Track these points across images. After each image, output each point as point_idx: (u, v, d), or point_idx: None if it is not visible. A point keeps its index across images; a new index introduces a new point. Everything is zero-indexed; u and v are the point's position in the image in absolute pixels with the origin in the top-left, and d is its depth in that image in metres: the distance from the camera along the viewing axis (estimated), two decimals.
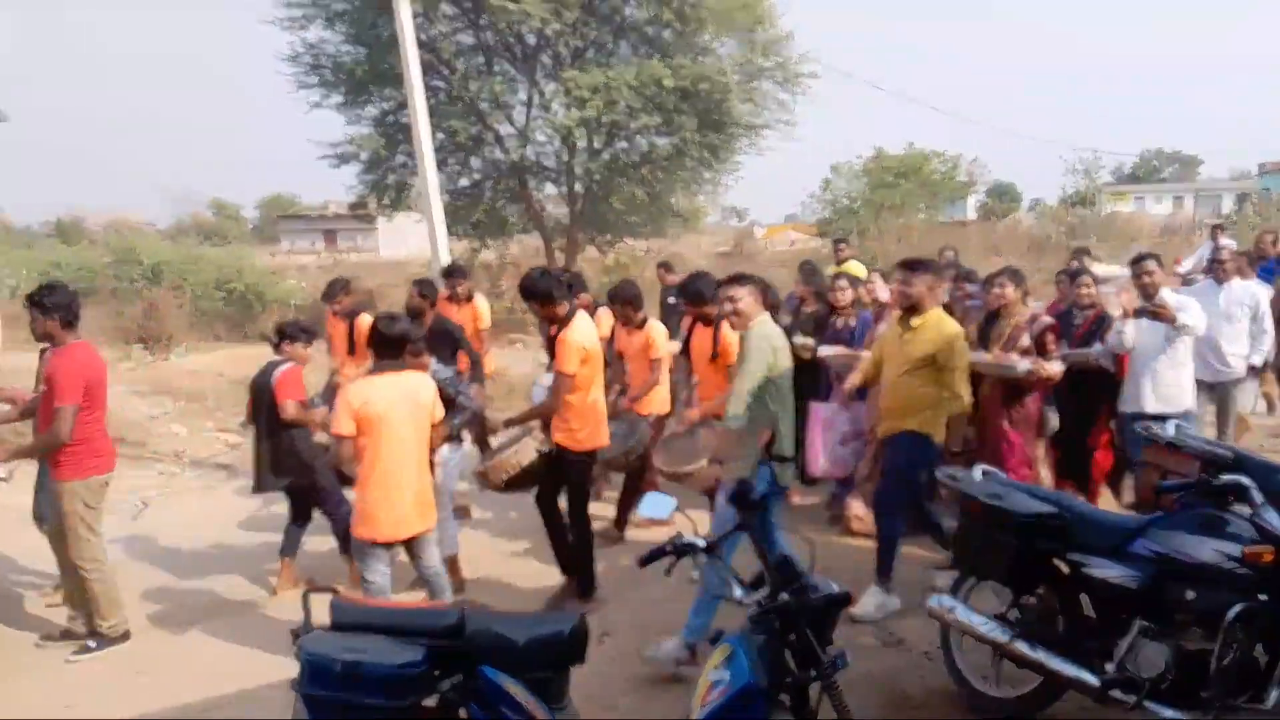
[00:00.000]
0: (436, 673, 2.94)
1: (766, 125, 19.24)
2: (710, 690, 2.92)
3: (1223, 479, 3.49)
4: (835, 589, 2.97)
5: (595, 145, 18.42)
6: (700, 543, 3.15)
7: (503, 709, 2.94)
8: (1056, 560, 3.70)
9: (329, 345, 7.88)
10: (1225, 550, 3.30)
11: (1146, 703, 3.37)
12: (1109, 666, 3.49)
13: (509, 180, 19.16)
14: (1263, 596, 3.22)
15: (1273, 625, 3.24)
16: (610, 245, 21.62)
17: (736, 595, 3.02)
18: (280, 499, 5.98)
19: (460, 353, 6.92)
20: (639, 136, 18.57)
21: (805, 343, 6.57)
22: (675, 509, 3.44)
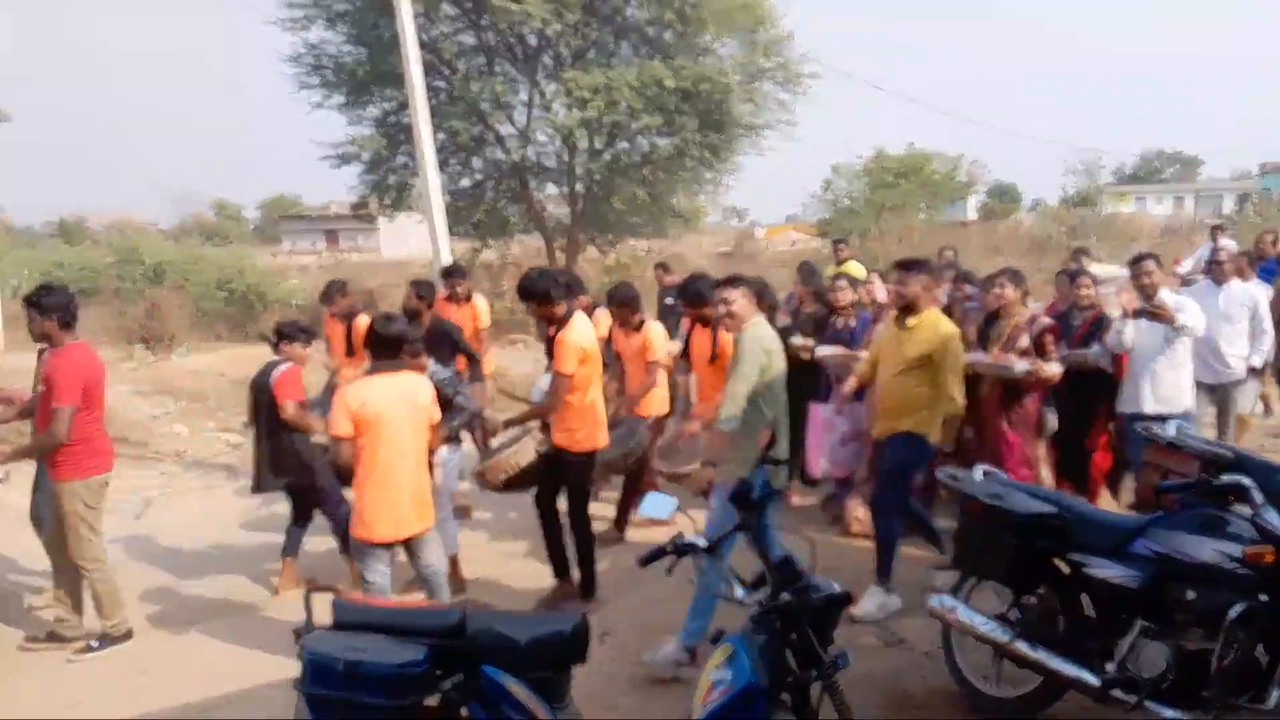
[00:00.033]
0: (438, 672, 2.94)
1: (767, 125, 19.26)
2: (712, 690, 2.92)
3: (1223, 479, 3.49)
4: (836, 589, 2.98)
5: (596, 146, 18.43)
6: (701, 542, 3.15)
7: (504, 708, 2.94)
8: (1057, 560, 3.70)
9: (327, 347, 7.88)
10: (1226, 550, 3.30)
11: (1147, 703, 3.36)
12: (1110, 666, 3.49)
13: (510, 180, 19.18)
14: (1263, 597, 3.21)
15: (1273, 625, 3.23)
16: (611, 245, 21.64)
17: (738, 595, 3.03)
18: (281, 499, 5.99)
19: (459, 353, 6.92)
20: (640, 137, 18.58)
21: (804, 343, 6.57)
22: (676, 509, 3.45)
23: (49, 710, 4.50)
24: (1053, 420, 6.11)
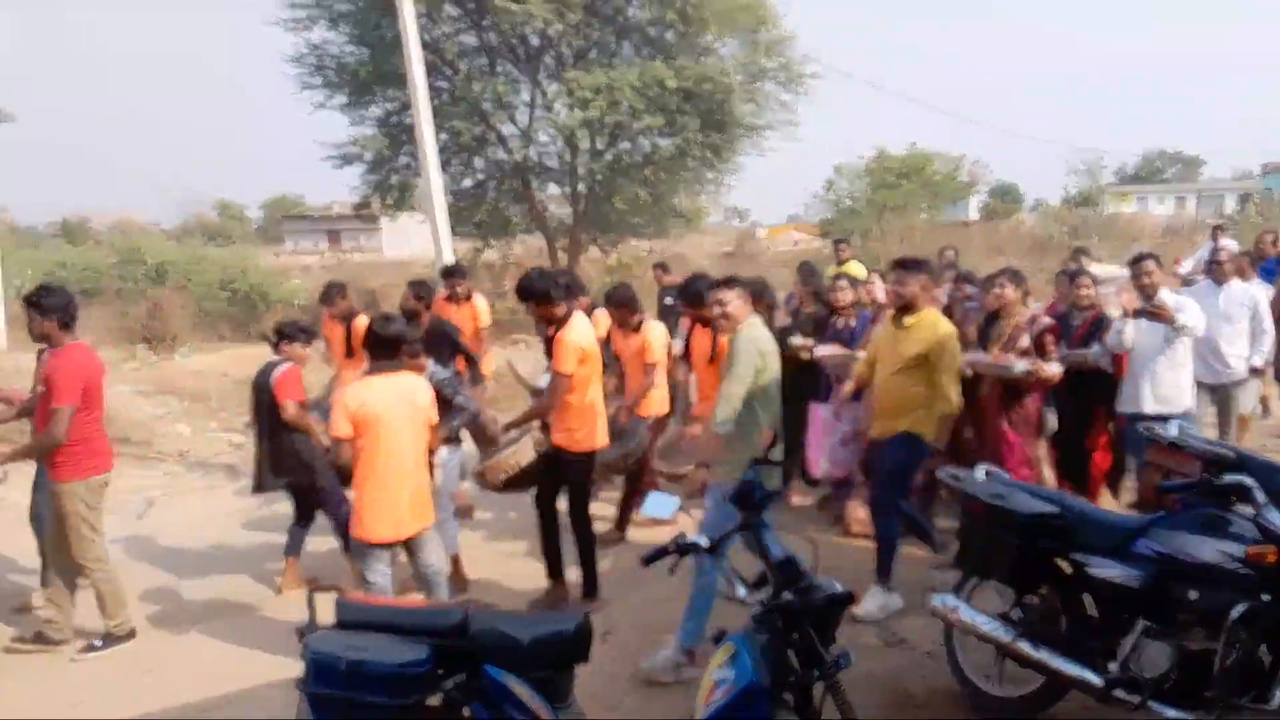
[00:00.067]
0: (440, 671, 2.94)
1: (769, 126, 19.29)
2: (714, 690, 2.93)
3: (1225, 479, 3.48)
4: (838, 588, 2.98)
5: (598, 146, 18.44)
6: (703, 542, 3.16)
7: (506, 708, 2.94)
8: (1059, 560, 3.69)
9: (326, 348, 7.85)
10: (1228, 550, 3.29)
11: (1150, 703, 3.36)
12: (1112, 666, 3.48)
13: (512, 180, 19.20)
14: (1266, 596, 3.21)
15: (1276, 625, 3.23)
16: (613, 246, 21.66)
17: (739, 595, 3.03)
18: (284, 498, 5.99)
19: (458, 354, 6.90)
20: (641, 137, 18.59)
21: (804, 344, 6.56)
22: (678, 509, 3.46)
23: (52, 709, 4.50)
24: (1052, 420, 6.11)
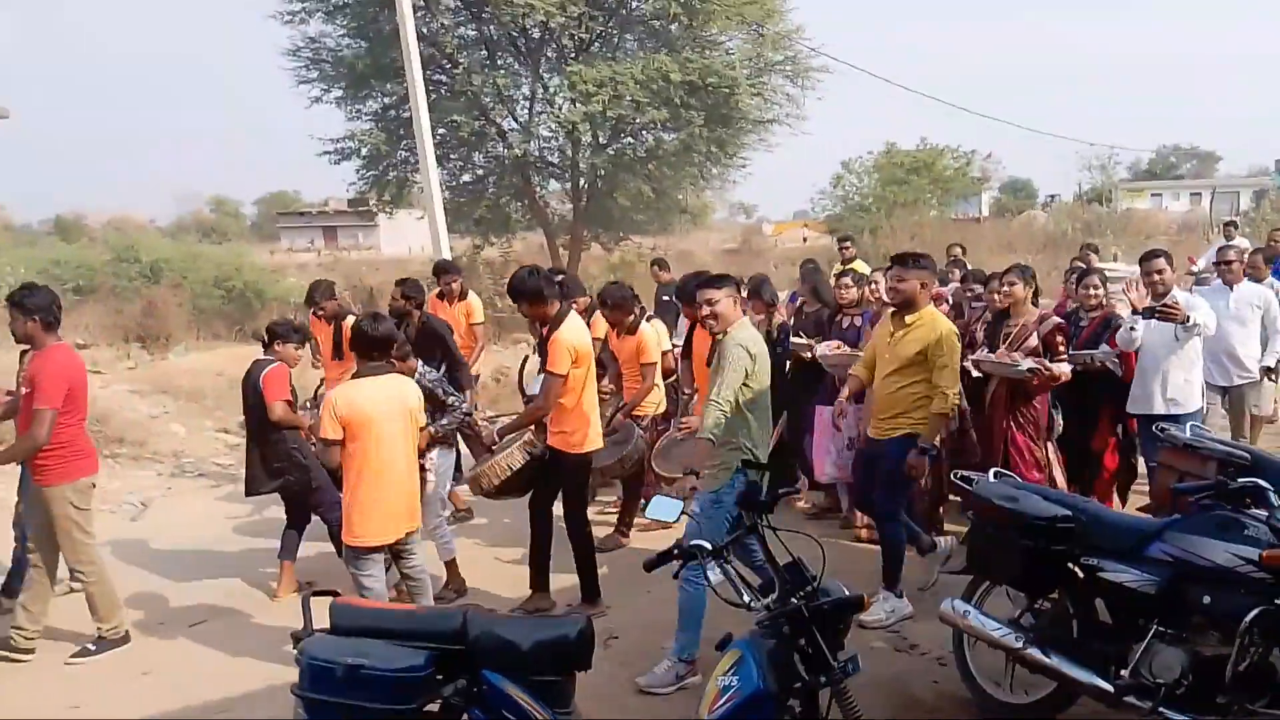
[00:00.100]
0: (439, 677, 2.90)
1: (775, 120, 19.21)
2: (719, 696, 2.88)
3: (1240, 481, 3.46)
4: (846, 593, 2.93)
5: (600, 140, 18.34)
6: (707, 545, 3.10)
7: (505, 713, 2.90)
8: (1071, 564, 3.64)
9: (314, 349, 7.70)
10: (1243, 554, 3.24)
11: (1162, 708, 3.31)
12: (1124, 672, 3.43)
13: (512, 176, 19.10)
14: None
15: None
16: (615, 242, 21.54)
17: (745, 599, 2.97)
18: (278, 500, 5.91)
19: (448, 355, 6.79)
20: (645, 132, 18.52)
21: (806, 343, 6.48)
22: (682, 512, 3.40)
23: (51, 710, 4.46)
24: (1059, 421, 6.04)
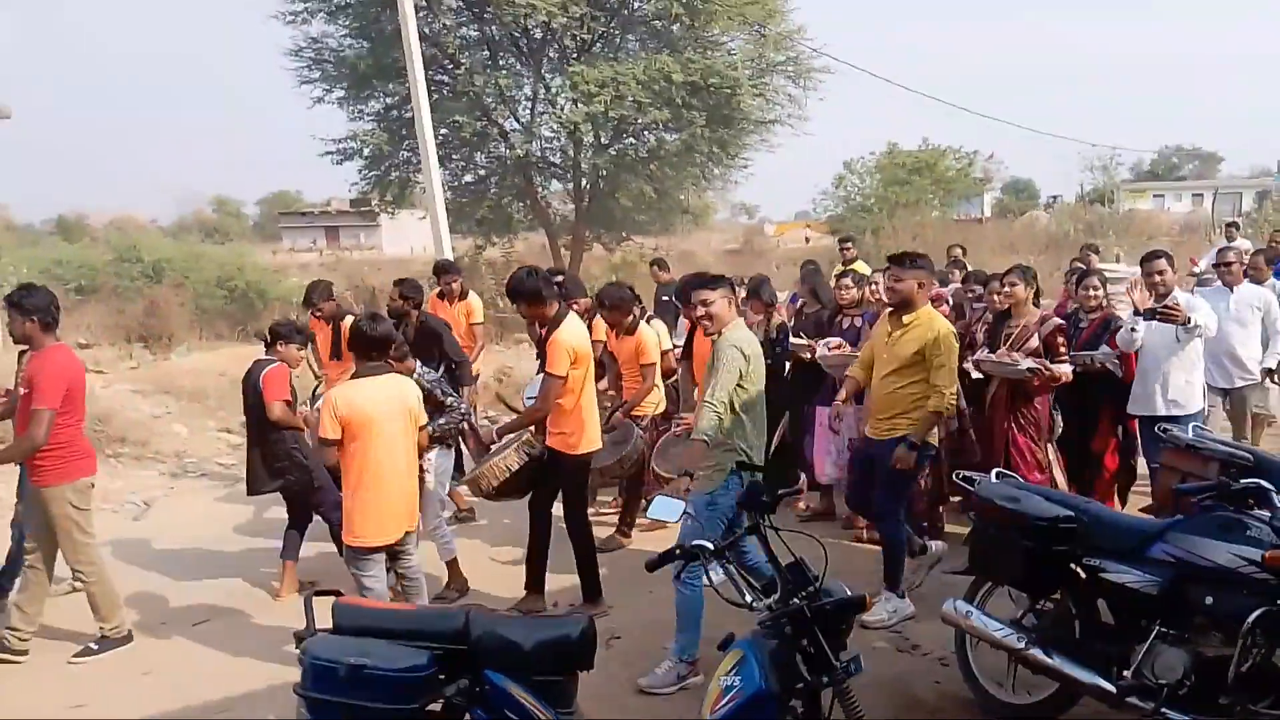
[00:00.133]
0: (442, 676, 2.90)
1: (777, 121, 19.17)
2: (721, 696, 2.89)
3: (1243, 482, 3.46)
4: (849, 593, 2.93)
5: (602, 141, 18.31)
6: (709, 546, 3.10)
7: (508, 713, 2.90)
8: (1073, 564, 3.64)
9: (312, 350, 7.68)
10: (1245, 554, 3.24)
11: (1164, 709, 3.30)
12: (1126, 672, 3.43)
13: (514, 176, 19.07)
14: None
15: None
16: (617, 243, 21.52)
17: (747, 600, 2.98)
18: (280, 500, 5.91)
19: (446, 355, 6.78)
20: (647, 132, 18.49)
21: (806, 344, 6.47)
22: (684, 512, 3.40)
23: (52, 710, 4.46)
24: (1059, 422, 6.04)
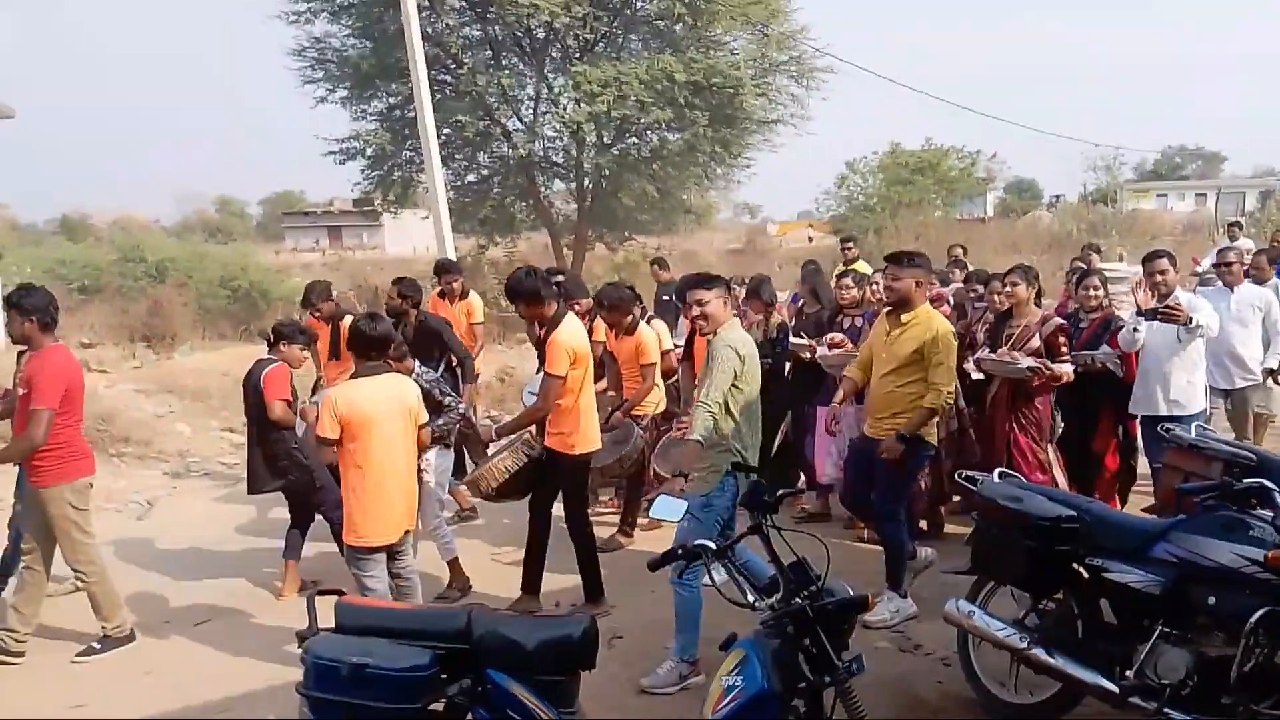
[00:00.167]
0: (444, 676, 2.90)
1: (780, 120, 19.17)
2: (723, 696, 2.88)
3: (1245, 482, 3.45)
4: (851, 593, 2.93)
5: (605, 140, 18.33)
6: (711, 545, 3.11)
7: (510, 713, 2.90)
8: (1076, 564, 3.64)
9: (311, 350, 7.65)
10: (1248, 554, 3.23)
11: (1166, 709, 3.30)
12: (1128, 672, 3.42)
13: (517, 176, 19.09)
14: None
15: None
16: (620, 242, 21.53)
17: (749, 599, 2.98)
18: (282, 500, 5.91)
19: (448, 353, 6.79)
20: (649, 132, 18.51)
21: (806, 344, 6.46)
22: (686, 511, 3.40)
23: (53, 710, 4.46)
24: (1059, 422, 6.03)
